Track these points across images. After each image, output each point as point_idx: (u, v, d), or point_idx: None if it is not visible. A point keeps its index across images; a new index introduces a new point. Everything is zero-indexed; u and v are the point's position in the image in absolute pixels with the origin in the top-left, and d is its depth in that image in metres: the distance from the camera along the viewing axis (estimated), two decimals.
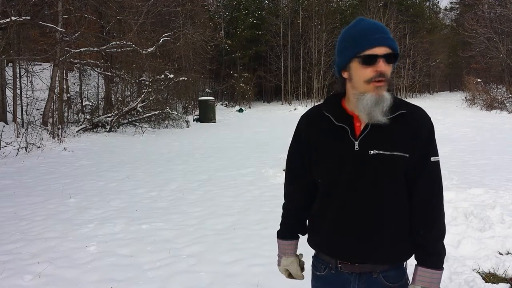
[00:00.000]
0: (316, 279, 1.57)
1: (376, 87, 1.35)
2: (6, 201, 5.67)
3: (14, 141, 10.04)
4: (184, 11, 22.28)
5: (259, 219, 4.82)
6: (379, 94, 1.35)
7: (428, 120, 1.43)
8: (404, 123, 1.39)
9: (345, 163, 1.40)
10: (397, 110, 1.39)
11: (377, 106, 1.35)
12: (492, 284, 3.11)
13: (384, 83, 1.36)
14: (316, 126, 1.49)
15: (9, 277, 3.32)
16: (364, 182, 1.37)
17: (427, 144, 1.40)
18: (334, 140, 1.43)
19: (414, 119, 1.40)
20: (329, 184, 1.46)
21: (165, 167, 8.30)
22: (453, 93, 36.19)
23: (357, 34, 1.37)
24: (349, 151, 1.39)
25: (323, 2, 34.30)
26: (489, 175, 6.84)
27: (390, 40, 1.36)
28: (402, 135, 1.38)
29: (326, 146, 1.44)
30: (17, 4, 11.91)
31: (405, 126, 1.39)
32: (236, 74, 32.41)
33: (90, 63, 16.21)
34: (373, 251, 1.40)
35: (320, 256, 1.54)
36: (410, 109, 1.42)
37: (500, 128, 14.53)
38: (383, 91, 1.36)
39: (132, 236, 4.30)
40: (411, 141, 1.38)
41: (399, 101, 1.43)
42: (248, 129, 16.47)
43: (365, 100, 1.36)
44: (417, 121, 1.41)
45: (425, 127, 1.41)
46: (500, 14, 25.62)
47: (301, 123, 1.56)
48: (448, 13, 48.87)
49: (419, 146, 1.38)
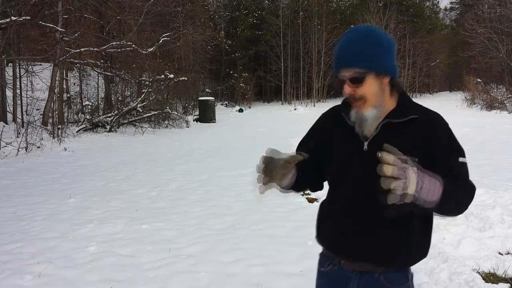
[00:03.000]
0: (320, 275, 1.59)
1: (355, 105, 1.39)
2: (6, 201, 5.66)
3: (14, 141, 10.03)
4: (184, 11, 22.31)
5: (259, 219, 4.82)
6: (358, 113, 1.39)
7: (444, 125, 1.42)
8: (417, 128, 1.39)
9: (353, 162, 1.43)
10: (409, 114, 1.39)
11: (361, 122, 1.40)
12: (492, 284, 3.11)
13: (359, 102, 1.37)
14: (331, 124, 1.54)
15: (9, 277, 3.32)
16: (369, 182, 1.36)
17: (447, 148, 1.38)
18: (346, 139, 1.46)
19: (427, 124, 1.40)
20: (337, 181, 1.50)
21: (165, 167, 8.30)
22: (453, 93, 36.17)
23: (334, 55, 1.42)
24: (358, 151, 1.42)
25: (323, 2, 34.31)
26: (489, 175, 6.83)
27: (353, 62, 1.35)
28: (413, 139, 1.37)
29: (338, 145, 1.49)
30: (17, 4, 11.91)
31: (418, 130, 1.38)
32: (236, 74, 32.44)
33: (90, 63, 16.21)
34: (372, 248, 1.40)
35: (325, 252, 1.57)
36: (424, 114, 1.42)
37: (500, 128, 14.53)
38: (362, 109, 1.38)
39: (132, 236, 4.30)
40: (423, 146, 1.37)
41: (412, 105, 1.44)
42: (248, 129, 16.47)
43: (351, 115, 1.42)
44: (431, 126, 1.40)
45: (441, 132, 1.40)
46: (500, 14, 25.63)
47: (319, 121, 1.63)
48: (448, 13, 48.91)
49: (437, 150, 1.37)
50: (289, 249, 3.88)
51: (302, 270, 3.36)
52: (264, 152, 1.39)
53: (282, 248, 3.91)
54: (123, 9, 16.00)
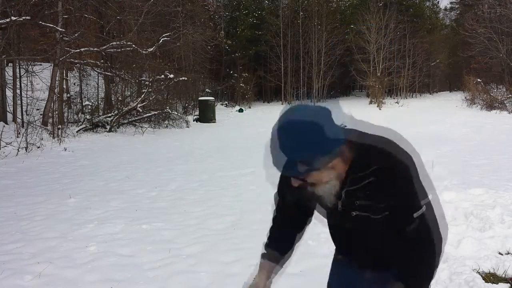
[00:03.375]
0: (336, 262, 1.71)
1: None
2: (6, 201, 5.67)
3: (14, 141, 10.03)
4: (184, 11, 22.30)
5: (259, 219, 4.81)
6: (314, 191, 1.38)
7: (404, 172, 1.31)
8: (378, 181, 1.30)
9: (332, 217, 1.54)
10: (371, 166, 1.30)
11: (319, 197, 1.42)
12: (492, 284, 3.11)
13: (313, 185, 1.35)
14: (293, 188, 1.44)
15: (9, 277, 3.32)
16: (353, 231, 1.48)
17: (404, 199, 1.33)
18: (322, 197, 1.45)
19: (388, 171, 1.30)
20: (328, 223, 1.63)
21: (165, 167, 8.30)
22: (453, 93, 36.14)
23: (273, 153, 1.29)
24: (334, 209, 1.45)
25: (323, 2, 34.28)
26: (489, 175, 6.83)
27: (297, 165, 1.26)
28: (377, 195, 1.32)
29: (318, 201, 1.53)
30: (17, 4, 11.91)
31: (379, 183, 1.30)
32: (236, 74, 32.39)
33: (90, 63, 16.20)
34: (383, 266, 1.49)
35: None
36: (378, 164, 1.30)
37: (500, 128, 14.53)
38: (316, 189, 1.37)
39: (132, 236, 4.30)
40: (387, 199, 1.32)
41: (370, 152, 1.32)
42: (248, 129, 16.46)
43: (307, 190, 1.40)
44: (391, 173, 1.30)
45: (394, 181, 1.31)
46: (500, 14, 25.62)
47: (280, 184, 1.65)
48: (448, 13, 48.84)
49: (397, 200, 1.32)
50: None
51: (302, 270, 3.36)
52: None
53: None
54: (123, 9, 15.99)
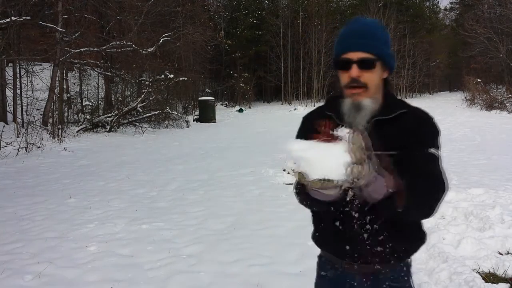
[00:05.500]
0: (321, 278, 1.54)
1: (352, 93, 1.35)
2: (6, 201, 5.67)
3: (14, 141, 10.04)
4: (184, 11, 22.28)
5: (259, 219, 4.82)
6: (355, 101, 1.35)
7: (430, 121, 1.40)
8: (404, 122, 1.37)
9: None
10: (397, 110, 1.38)
11: (355, 112, 1.35)
12: (492, 284, 3.11)
13: (360, 89, 1.34)
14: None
15: (9, 277, 3.32)
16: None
17: (423, 140, 1.35)
18: None
19: (414, 119, 1.39)
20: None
21: (165, 167, 8.30)
22: (453, 93, 36.18)
23: (339, 37, 1.39)
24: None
25: (323, 2, 34.27)
26: (489, 175, 6.83)
27: (367, 46, 1.32)
28: (400, 134, 1.36)
29: None
30: (17, 4, 11.91)
31: (404, 125, 1.37)
32: (236, 74, 32.38)
33: (90, 63, 16.20)
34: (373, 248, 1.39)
35: (325, 255, 1.53)
36: (411, 109, 1.41)
37: (500, 128, 14.53)
38: (360, 98, 1.35)
39: (132, 236, 4.30)
40: (407, 140, 1.34)
41: (399, 101, 1.43)
42: (248, 129, 16.46)
43: (344, 105, 1.38)
44: (418, 121, 1.39)
45: (427, 128, 1.39)
46: (500, 14, 25.64)
47: (303, 124, 1.56)
48: (448, 13, 48.91)
49: (416, 143, 1.34)
50: (289, 249, 3.88)
51: (302, 270, 3.36)
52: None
53: (282, 248, 3.91)
54: (123, 9, 16.01)
